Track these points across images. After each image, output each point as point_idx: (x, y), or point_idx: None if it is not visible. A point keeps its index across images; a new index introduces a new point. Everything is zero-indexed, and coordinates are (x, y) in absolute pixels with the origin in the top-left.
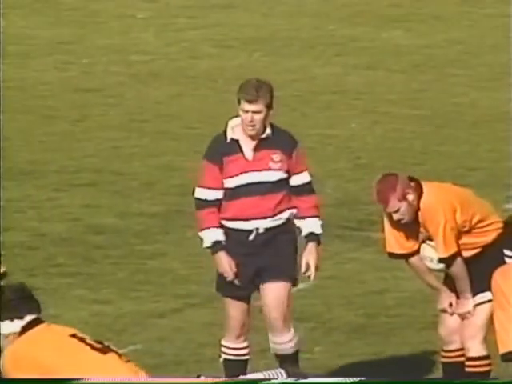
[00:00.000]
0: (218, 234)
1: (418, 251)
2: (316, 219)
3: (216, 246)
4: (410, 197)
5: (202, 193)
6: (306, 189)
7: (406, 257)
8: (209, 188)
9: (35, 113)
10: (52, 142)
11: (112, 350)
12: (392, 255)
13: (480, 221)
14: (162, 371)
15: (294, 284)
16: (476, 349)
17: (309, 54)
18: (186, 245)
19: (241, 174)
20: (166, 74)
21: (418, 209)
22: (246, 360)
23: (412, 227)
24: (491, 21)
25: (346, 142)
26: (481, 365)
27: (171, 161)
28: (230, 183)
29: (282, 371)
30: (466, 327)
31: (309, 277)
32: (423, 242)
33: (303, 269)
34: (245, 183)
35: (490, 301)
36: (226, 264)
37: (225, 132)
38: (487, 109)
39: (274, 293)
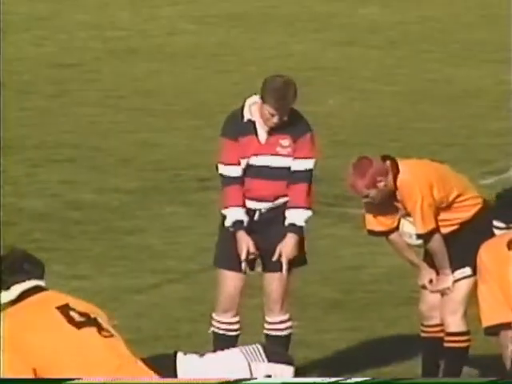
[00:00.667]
0: (240, 214)
1: (397, 228)
2: (301, 210)
3: (237, 225)
4: (381, 184)
5: (225, 169)
6: (300, 176)
7: (385, 234)
8: (231, 164)
9: (12, 88)
10: (29, 118)
11: (92, 325)
12: (371, 232)
13: (458, 196)
14: (139, 347)
15: (304, 263)
16: (456, 324)
17: (286, 31)
18: (163, 220)
19: (252, 156)
20: (144, 51)
21: (396, 187)
22: (237, 336)
23: (390, 204)
24: None
25: (324, 118)
26: (460, 340)
27: (148, 137)
28: (242, 163)
29: (259, 346)
30: (445, 303)
31: (280, 268)
32: (402, 218)
33: (275, 257)
34: (254, 165)
35: (469, 276)
36: (244, 244)
37: (242, 110)
38: (462, 85)
39: (276, 280)
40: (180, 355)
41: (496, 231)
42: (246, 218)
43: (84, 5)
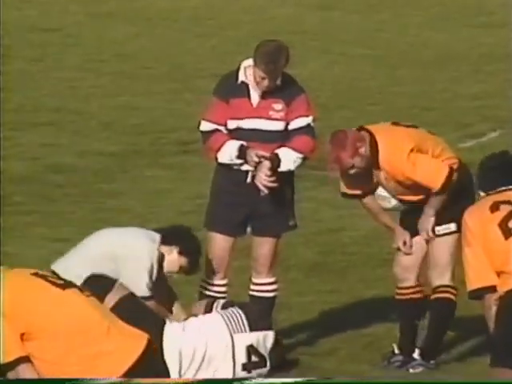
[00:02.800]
0: (236, 144)
1: (371, 192)
2: (292, 151)
3: (242, 149)
4: (362, 150)
5: (207, 126)
6: (301, 131)
7: (359, 197)
8: (215, 123)
9: None
10: (9, 81)
11: (73, 286)
12: (345, 195)
13: (436, 157)
14: None
15: (294, 227)
16: (445, 284)
17: None
18: (144, 184)
19: (244, 118)
20: (123, 15)
21: (375, 156)
22: (224, 298)
23: (366, 170)
24: None
25: (305, 81)
26: (450, 292)
27: (128, 100)
28: (233, 125)
29: (241, 314)
30: (432, 269)
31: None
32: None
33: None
34: (246, 128)
35: (453, 232)
36: (257, 152)
37: (237, 71)
38: (441, 49)
39: (265, 245)
40: (166, 326)
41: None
42: (243, 143)
43: None
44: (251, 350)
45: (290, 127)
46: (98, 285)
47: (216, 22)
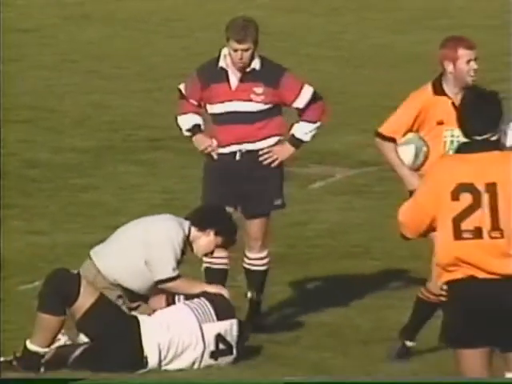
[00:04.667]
0: (196, 119)
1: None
2: (310, 124)
3: (196, 129)
4: None
5: (181, 87)
6: (309, 101)
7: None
8: (186, 91)
9: None
10: None
11: None
12: (379, 135)
13: None
14: None
15: (282, 206)
16: None
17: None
18: (117, 178)
19: (225, 101)
20: (97, 16)
21: None
22: (226, 269)
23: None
24: None
25: None
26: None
27: (102, 99)
28: (215, 109)
29: (208, 304)
30: None
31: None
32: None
33: (262, 152)
34: (228, 111)
35: None
36: (206, 141)
37: (218, 58)
38: (403, 50)
39: (255, 224)
40: (141, 322)
41: None
42: (201, 122)
43: None
44: (219, 338)
45: (299, 105)
46: (65, 286)
47: (186, 24)
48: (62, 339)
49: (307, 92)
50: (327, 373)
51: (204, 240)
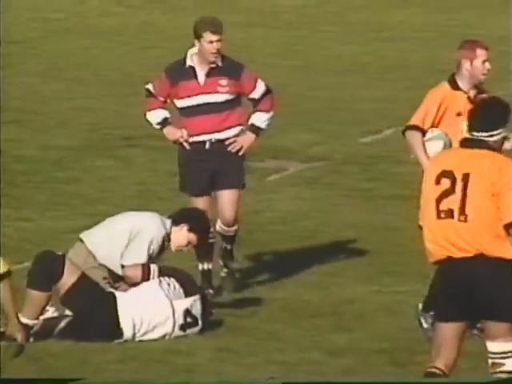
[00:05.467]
0: (164, 113)
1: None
2: (264, 113)
3: (165, 122)
4: None
5: (150, 87)
6: (263, 94)
7: (416, 129)
8: (155, 91)
9: None
10: None
11: None
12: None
13: None
14: None
15: (243, 187)
16: None
17: (200, 13)
18: (95, 172)
19: (194, 95)
20: (78, 30)
21: None
22: (213, 243)
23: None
24: None
25: None
26: None
27: (82, 103)
28: (186, 102)
29: (176, 283)
30: None
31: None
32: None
33: (232, 147)
34: (198, 104)
35: None
36: (177, 132)
37: (185, 57)
38: (350, 60)
39: (228, 197)
40: (118, 298)
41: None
42: (169, 116)
43: None
44: (187, 312)
45: (254, 96)
46: (51, 265)
47: (157, 37)
48: (50, 310)
49: (261, 85)
50: (280, 341)
51: (177, 234)
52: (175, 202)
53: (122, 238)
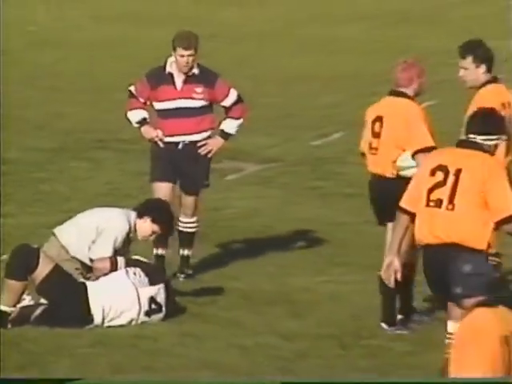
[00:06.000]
0: (143, 113)
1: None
2: (234, 120)
3: (143, 121)
4: None
5: (132, 89)
6: (234, 102)
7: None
8: (136, 92)
9: None
10: None
11: None
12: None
13: None
14: None
15: (207, 186)
16: None
17: (162, 28)
18: (69, 172)
19: (172, 99)
20: (54, 42)
21: None
22: (194, 232)
23: None
24: None
25: None
26: None
27: (58, 109)
28: (164, 105)
29: (141, 272)
30: None
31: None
32: None
33: (200, 144)
34: (174, 107)
35: None
36: (153, 131)
37: (165, 64)
38: (298, 70)
39: (189, 198)
40: (88, 288)
41: None
42: (147, 116)
43: (6, 3)
44: (151, 300)
45: (226, 104)
46: (27, 257)
47: (128, 48)
48: (27, 299)
49: (234, 94)
50: (238, 327)
51: (142, 226)
52: (142, 199)
53: (90, 233)
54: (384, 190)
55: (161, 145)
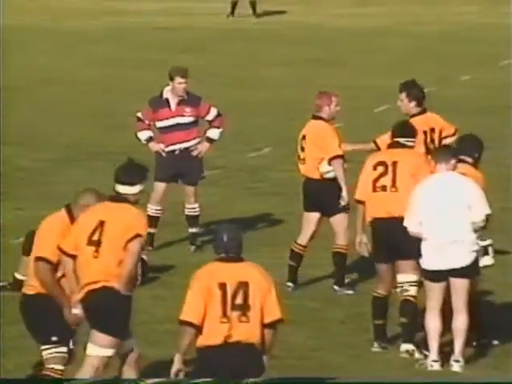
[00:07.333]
0: (149, 133)
1: None
2: (216, 129)
3: (150, 139)
4: None
5: (139, 114)
6: (215, 116)
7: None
8: (143, 116)
9: None
10: None
11: None
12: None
13: None
14: None
15: (202, 178)
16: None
17: (159, 70)
18: (70, 178)
19: (168, 118)
20: (56, 79)
21: None
22: (197, 215)
23: None
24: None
25: None
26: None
27: (61, 128)
28: (163, 123)
29: None
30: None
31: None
32: None
33: (195, 152)
34: (171, 124)
35: None
36: (157, 145)
37: (161, 94)
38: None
39: (191, 187)
40: None
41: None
42: (152, 135)
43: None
44: None
45: (209, 118)
46: None
47: (115, 85)
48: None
49: (214, 111)
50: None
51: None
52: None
53: None
54: (313, 188)
55: (163, 155)
